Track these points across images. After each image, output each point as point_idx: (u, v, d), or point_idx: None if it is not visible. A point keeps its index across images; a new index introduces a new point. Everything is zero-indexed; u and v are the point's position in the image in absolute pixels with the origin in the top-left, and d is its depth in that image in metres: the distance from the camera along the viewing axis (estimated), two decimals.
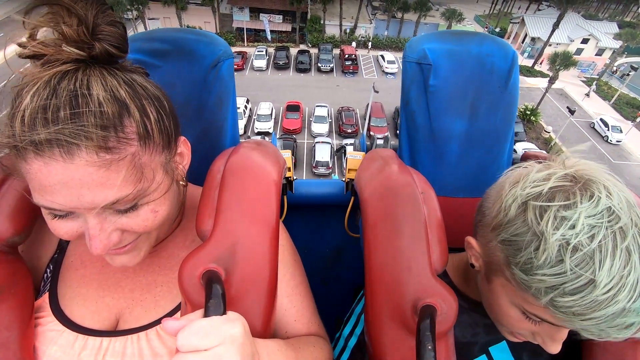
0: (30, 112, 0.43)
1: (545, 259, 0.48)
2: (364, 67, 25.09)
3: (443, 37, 0.88)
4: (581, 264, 0.46)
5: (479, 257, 0.64)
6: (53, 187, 0.45)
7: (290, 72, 24.13)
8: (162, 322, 0.46)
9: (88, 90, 0.45)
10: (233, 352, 0.44)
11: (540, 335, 0.58)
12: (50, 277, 0.64)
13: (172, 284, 0.65)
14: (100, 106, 0.45)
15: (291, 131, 18.15)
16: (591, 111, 22.17)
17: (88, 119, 0.44)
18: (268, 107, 18.86)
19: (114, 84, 0.48)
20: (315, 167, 15.99)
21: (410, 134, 0.91)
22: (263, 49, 25.19)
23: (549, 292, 0.48)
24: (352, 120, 18.74)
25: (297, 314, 0.70)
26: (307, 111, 19.56)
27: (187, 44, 0.78)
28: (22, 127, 0.43)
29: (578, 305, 0.46)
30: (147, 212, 0.53)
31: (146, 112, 0.50)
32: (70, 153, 0.43)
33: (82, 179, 0.45)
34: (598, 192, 0.48)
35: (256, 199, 0.62)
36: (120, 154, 0.47)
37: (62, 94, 0.44)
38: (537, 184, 0.52)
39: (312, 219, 1.31)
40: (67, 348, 0.57)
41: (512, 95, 0.86)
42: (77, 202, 0.46)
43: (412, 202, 0.66)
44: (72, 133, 0.43)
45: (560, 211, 0.48)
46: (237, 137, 0.93)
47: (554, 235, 0.47)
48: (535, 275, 0.49)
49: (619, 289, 0.45)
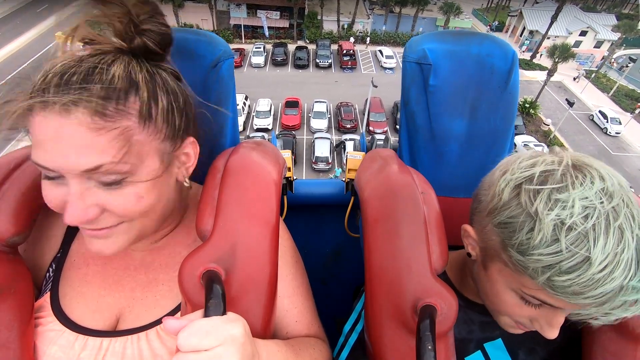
0: (52, 73, 0.48)
1: (541, 239, 0.49)
2: (362, 63, 25.00)
3: (443, 37, 0.88)
4: (576, 242, 0.47)
5: (476, 245, 0.64)
6: (46, 143, 0.47)
7: (289, 68, 24.05)
8: (163, 320, 0.46)
9: (108, 66, 0.49)
10: (233, 353, 0.44)
11: (538, 322, 0.59)
12: (52, 276, 0.64)
13: (174, 282, 0.65)
14: (112, 81, 0.49)
15: (290, 127, 18.11)
16: (590, 103, 22.14)
17: (95, 87, 0.48)
18: (267, 103, 18.79)
19: (135, 69, 0.52)
20: (315, 162, 15.97)
21: (410, 134, 0.91)
22: (261, 45, 25.07)
23: (545, 272, 0.49)
24: (351, 116, 18.70)
25: (299, 315, 0.70)
26: (306, 107, 19.52)
27: (186, 43, 0.78)
28: (41, 83, 0.48)
29: (575, 284, 0.47)
30: (131, 194, 0.52)
31: (156, 98, 0.53)
32: (67, 111, 0.46)
33: (71, 138, 0.47)
34: (590, 175, 0.50)
35: (256, 198, 0.62)
36: (115, 123, 0.49)
37: (84, 65, 0.49)
38: (527, 169, 0.54)
39: (312, 219, 1.31)
40: (67, 348, 0.58)
41: (512, 95, 0.86)
42: (63, 162, 0.48)
43: (412, 202, 0.66)
44: (75, 95, 0.47)
45: (553, 193, 0.50)
46: (237, 137, 0.93)
47: (549, 216, 0.48)
48: (532, 256, 0.50)
49: (614, 266, 0.46)
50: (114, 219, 0.53)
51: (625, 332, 0.61)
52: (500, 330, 0.67)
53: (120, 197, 0.52)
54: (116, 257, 0.66)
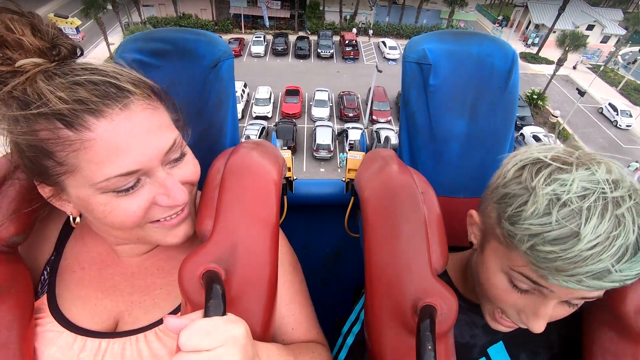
0: (85, 90, 0.48)
1: (534, 210, 0.49)
2: (365, 54, 24.70)
3: (443, 37, 0.86)
4: (567, 217, 0.46)
5: (478, 232, 0.64)
6: (123, 144, 0.48)
7: (289, 58, 23.67)
8: (164, 318, 0.46)
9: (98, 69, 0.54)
10: (234, 354, 0.44)
11: (524, 312, 0.58)
12: (47, 279, 0.64)
13: (171, 286, 0.65)
14: (121, 77, 0.52)
15: (290, 115, 17.59)
16: (598, 97, 21.88)
17: (124, 81, 0.51)
18: (266, 91, 18.39)
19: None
20: (317, 150, 15.45)
21: (410, 134, 0.90)
22: (261, 35, 24.68)
23: (530, 239, 0.49)
24: (353, 104, 18.21)
25: (295, 322, 0.69)
26: (307, 97, 19.01)
27: (186, 44, 0.78)
28: (72, 93, 0.47)
29: (560, 258, 0.46)
30: (190, 160, 0.58)
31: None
32: (125, 104, 0.49)
33: (143, 124, 0.50)
34: (597, 166, 0.49)
35: (256, 199, 0.62)
36: (156, 103, 0.53)
37: (96, 76, 0.51)
38: (537, 153, 0.54)
39: (312, 219, 1.30)
40: (66, 349, 0.57)
41: (512, 95, 0.85)
42: (147, 151, 0.50)
43: (412, 202, 0.66)
44: (118, 89, 0.49)
45: (555, 172, 0.50)
46: (237, 137, 0.93)
47: (544, 189, 0.48)
48: (522, 225, 0.50)
49: (605, 247, 0.45)
50: (188, 193, 0.57)
51: (625, 333, 0.61)
52: (502, 332, 0.67)
53: (186, 166, 0.57)
54: (112, 264, 0.66)
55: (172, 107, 0.59)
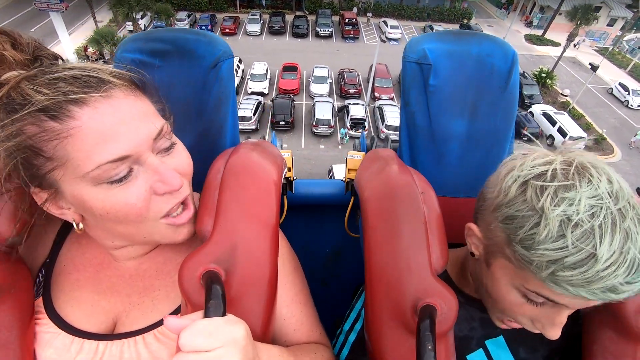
0: (66, 82, 0.48)
1: (547, 233, 0.48)
2: (365, 33, 23.85)
3: (443, 37, 0.85)
4: (582, 238, 0.47)
5: (480, 244, 0.63)
6: (109, 130, 0.48)
7: (287, 37, 22.89)
8: (164, 318, 0.46)
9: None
10: (235, 355, 0.44)
11: (539, 321, 0.58)
12: (42, 281, 0.63)
13: (170, 287, 0.64)
14: (102, 70, 0.53)
15: (288, 92, 16.65)
16: (607, 78, 21.37)
17: (105, 73, 0.51)
18: (262, 66, 17.58)
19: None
20: (316, 125, 14.63)
21: (410, 134, 0.89)
22: (257, 13, 23.62)
23: (549, 266, 0.49)
24: (354, 80, 17.44)
25: (297, 323, 0.69)
26: (305, 74, 18.12)
27: (186, 44, 0.78)
28: (54, 88, 0.47)
29: (578, 279, 0.47)
30: (181, 150, 0.58)
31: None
32: (106, 90, 0.49)
33: (127, 110, 0.50)
34: (598, 176, 0.50)
35: (256, 199, 0.62)
36: (138, 92, 0.53)
37: (76, 71, 0.51)
38: (534, 167, 0.54)
39: (312, 219, 1.29)
40: (63, 351, 0.57)
41: (512, 95, 0.84)
42: (135, 137, 0.50)
43: (412, 202, 0.66)
44: (99, 79, 0.49)
45: (560, 191, 0.50)
46: (237, 138, 0.92)
47: (555, 211, 0.48)
48: (537, 250, 0.49)
49: (619, 264, 0.46)
50: (186, 184, 0.57)
51: (625, 332, 0.62)
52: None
53: (179, 155, 0.57)
54: (109, 266, 0.65)
55: (157, 98, 0.58)
